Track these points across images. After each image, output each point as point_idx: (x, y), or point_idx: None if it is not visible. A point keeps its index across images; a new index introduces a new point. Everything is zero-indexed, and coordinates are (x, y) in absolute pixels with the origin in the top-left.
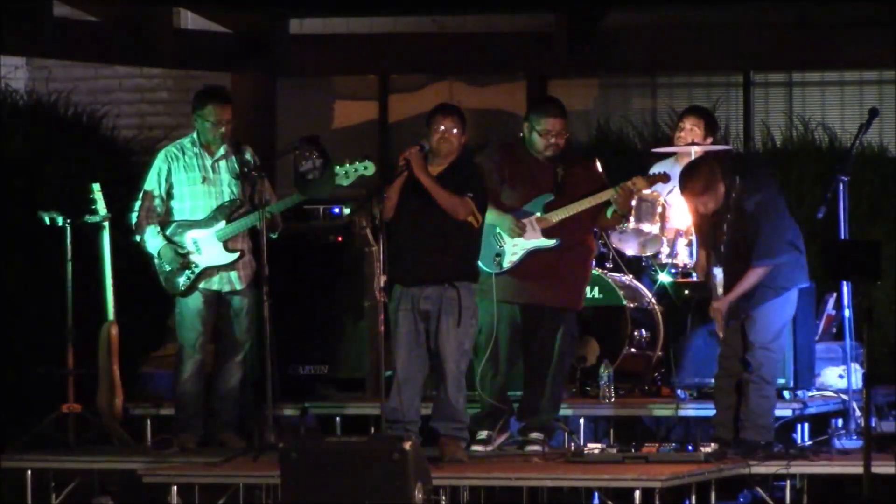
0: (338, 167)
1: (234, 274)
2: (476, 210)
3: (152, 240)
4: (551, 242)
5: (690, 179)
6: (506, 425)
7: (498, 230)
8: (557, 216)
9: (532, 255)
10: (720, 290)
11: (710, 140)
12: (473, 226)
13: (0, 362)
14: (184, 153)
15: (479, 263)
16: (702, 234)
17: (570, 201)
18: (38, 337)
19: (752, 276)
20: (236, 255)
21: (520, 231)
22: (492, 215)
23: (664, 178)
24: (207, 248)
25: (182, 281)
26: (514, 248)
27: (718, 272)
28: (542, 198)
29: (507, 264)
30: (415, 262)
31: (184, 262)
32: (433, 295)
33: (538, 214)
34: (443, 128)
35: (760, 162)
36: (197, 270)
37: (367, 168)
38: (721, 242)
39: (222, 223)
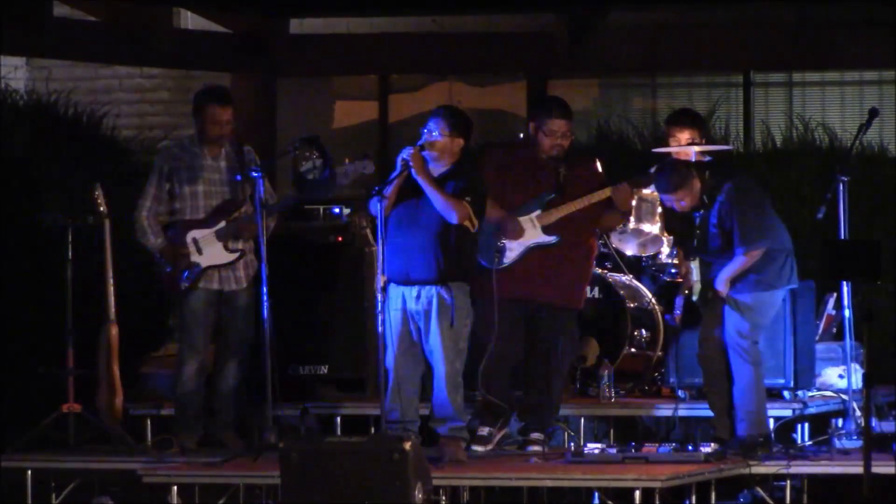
0: (337, 167)
1: (234, 273)
2: (473, 215)
3: (155, 239)
4: (551, 239)
5: (666, 176)
6: (505, 423)
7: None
8: (558, 213)
9: (533, 253)
10: (694, 285)
11: (703, 139)
12: (469, 229)
13: (0, 362)
14: (184, 153)
15: (479, 259)
16: (675, 231)
17: (571, 201)
18: (38, 337)
19: (738, 262)
20: (237, 254)
21: (516, 236)
22: (496, 214)
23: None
24: (208, 248)
25: (183, 281)
26: (514, 245)
27: (695, 268)
28: (543, 195)
29: (506, 260)
30: (408, 262)
31: (186, 262)
32: (425, 295)
33: (539, 212)
34: (426, 131)
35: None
36: (198, 270)
37: (367, 167)
38: (694, 237)
39: (223, 222)
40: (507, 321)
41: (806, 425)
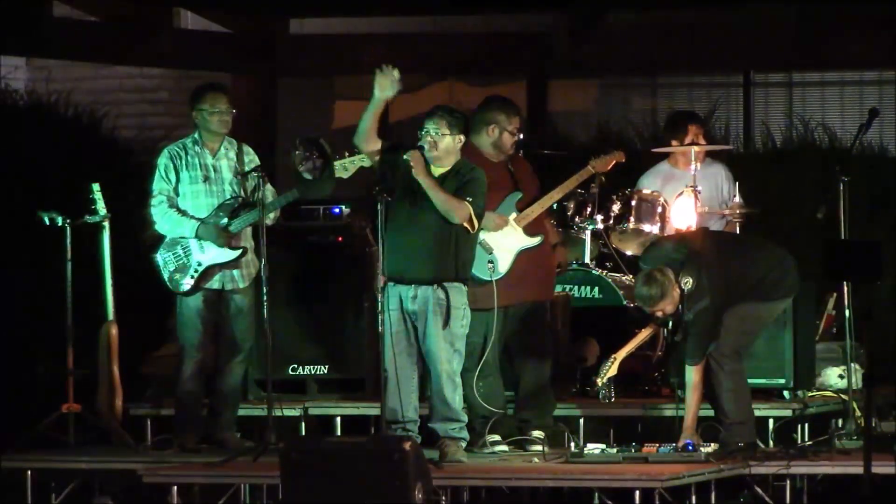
0: (336, 161)
1: (235, 272)
2: (474, 215)
3: (185, 224)
4: (537, 241)
5: (648, 287)
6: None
7: (482, 237)
8: (535, 211)
9: (517, 258)
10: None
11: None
12: (469, 230)
13: (0, 362)
14: (186, 152)
15: (475, 274)
16: None
17: (530, 196)
18: (38, 337)
19: (694, 380)
20: (239, 251)
21: (502, 224)
22: None
23: (619, 156)
24: (210, 247)
25: (185, 280)
26: (505, 254)
27: None
28: (511, 197)
29: (501, 270)
30: (405, 262)
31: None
32: (421, 296)
33: (515, 214)
34: (426, 132)
35: (712, 251)
36: (200, 269)
37: (365, 159)
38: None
39: (224, 220)
40: (496, 328)
41: (806, 425)
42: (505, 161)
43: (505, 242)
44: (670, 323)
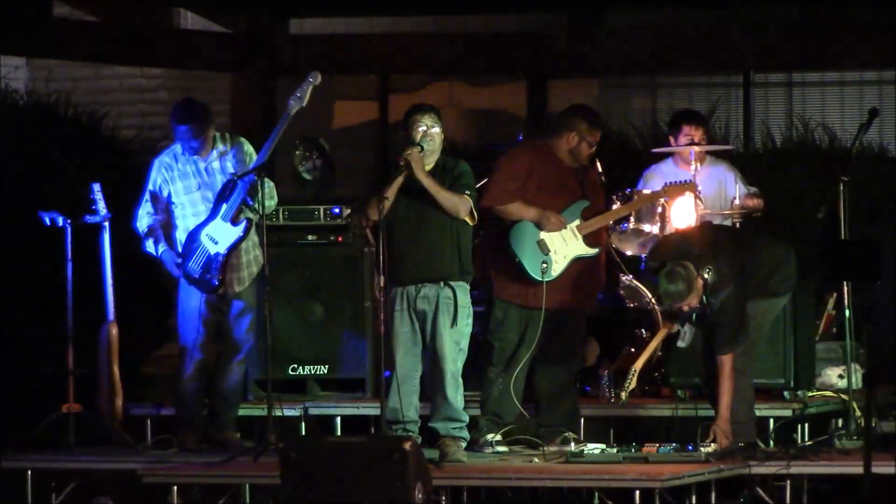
0: (291, 99)
1: (236, 274)
2: (474, 208)
3: (157, 246)
4: (594, 252)
5: (674, 284)
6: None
7: (541, 237)
8: (599, 223)
9: (571, 265)
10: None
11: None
12: (469, 224)
13: (1, 362)
14: (177, 161)
15: (528, 271)
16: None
17: (595, 207)
18: (39, 337)
19: (727, 369)
20: (244, 224)
21: (560, 225)
22: (531, 212)
23: (692, 188)
24: (220, 234)
25: (215, 276)
26: (561, 258)
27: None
28: (579, 204)
29: (554, 273)
30: (410, 262)
31: (208, 259)
32: (429, 295)
33: (578, 221)
34: (423, 127)
35: (729, 238)
36: (220, 260)
37: (315, 78)
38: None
39: (224, 205)
40: (533, 330)
41: (806, 425)
42: (577, 168)
43: (563, 247)
44: (694, 316)
